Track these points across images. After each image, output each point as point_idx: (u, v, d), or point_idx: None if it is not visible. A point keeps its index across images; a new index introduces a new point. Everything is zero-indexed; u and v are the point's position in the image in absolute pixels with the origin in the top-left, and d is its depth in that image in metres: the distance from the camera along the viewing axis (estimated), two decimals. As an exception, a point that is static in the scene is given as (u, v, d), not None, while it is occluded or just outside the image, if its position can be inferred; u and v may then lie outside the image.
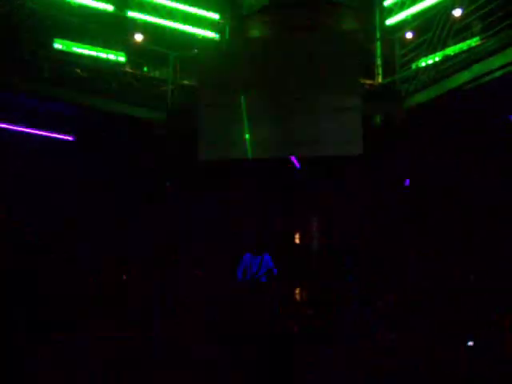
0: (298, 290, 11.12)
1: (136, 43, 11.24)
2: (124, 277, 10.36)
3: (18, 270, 9.10)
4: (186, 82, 11.41)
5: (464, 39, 9.28)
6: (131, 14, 11.55)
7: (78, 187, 10.40)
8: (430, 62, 9.54)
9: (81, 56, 10.57)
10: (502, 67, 7.97)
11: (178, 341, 8.61)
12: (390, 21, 11.34)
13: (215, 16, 12.44)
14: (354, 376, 7.54)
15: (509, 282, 8.38)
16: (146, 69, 11.76)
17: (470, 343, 5.27)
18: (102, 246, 10.47)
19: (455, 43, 9.32)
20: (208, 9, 12.29)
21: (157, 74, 11.84)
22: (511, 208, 8.89)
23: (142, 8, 11.70)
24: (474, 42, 9.15)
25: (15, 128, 9.50)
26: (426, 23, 9.83)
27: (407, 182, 9.90)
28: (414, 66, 10.04)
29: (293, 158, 10.63)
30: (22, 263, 9.24)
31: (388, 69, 10.57)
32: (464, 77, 8.67)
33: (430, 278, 9.45)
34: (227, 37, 12.29)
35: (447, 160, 9.70)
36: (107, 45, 10.95)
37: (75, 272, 9.99)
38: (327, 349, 8.38)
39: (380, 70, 11.01)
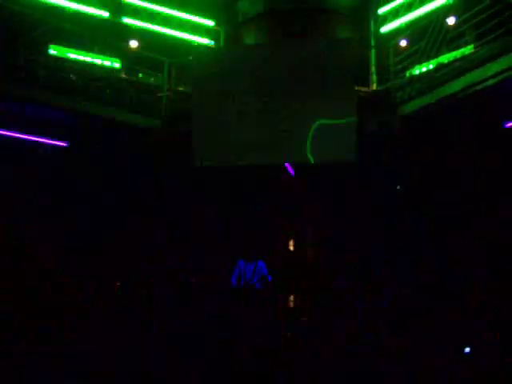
0: (292, 298, 11.12)
1: (131, 49, 11.25)
2: (117, 284, 10.32)
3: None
4: (181, 88, 11.41)
5: (458, 47, 9.33)
6: (126, 20, 11.58)
7: (70, 192, 10.39)
8: (424, 69, 9.59)
9: (76, 62, 10.56)
10: (496, 75, 8.02)
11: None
12: (385, 29, 11.42)
13: (210, 23, 12.48)
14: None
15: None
16: (141, 75, 11.76)
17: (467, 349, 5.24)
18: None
19: (449, 51, 9.37)
20: (203, 16, 12.33)
21: (152, 80, 11.84)
22: (506, 212, 8.92)
23: (138, 14, 11.72)
24: (467, 50, 9.21)
25: (9, 134, 9.48)
26: (420, 31, 9.89)
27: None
28: (408, 74, 10.09)
29: (287, 166, 10.63)
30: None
31: (382, 76, 10.61)
32: (458, 84, 8.72)
33: (426, 286, 9.47)
34: (222, 44, 12.32)
35: (442, 166, 9.74)
36: (102, 51, 10.95)
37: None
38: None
39: (374, 78, 11.06)
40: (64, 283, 9.92)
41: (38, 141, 9.84)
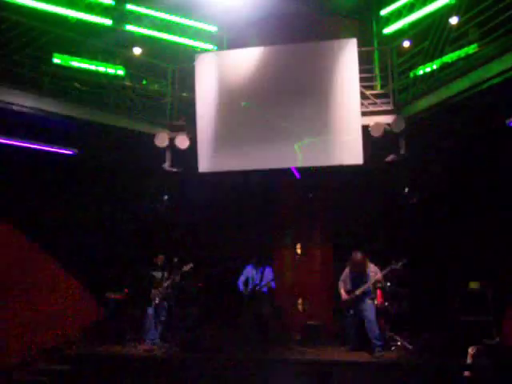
0: (300, 300, 11.10)
1: (135, 56, 11.29)
2: (126, 290, 10.35)
3: None
4: (185, 94, 11.42)
5: (461, 47, 9.30)
6: (129, 27, 11.66)
7: (79, 200, 10.43)
8: (428, 69, 9.56)
9: (80, 70, 10.59)
10: (500, 74, 7.97)
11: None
12: (388, 30, 11.43)
13: (213, 28, 12.52)
14: None
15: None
16: (145, 82, 11.79)
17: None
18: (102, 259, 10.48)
19: (452, 51, 9.33)
20: (205, 21, 12.37)
21: (156, 87, 11.86)
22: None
23: (140, 21, 11.79)
24: (471, 49, 9.17)
25: (15, 143, 9.50)
26: (423, 31, 9.87)
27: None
28: (411, 75, 10.05)
29: (293, 169, 10.63)
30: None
31: (386, 77, 10.58)
32: (462, 84, 8.67)
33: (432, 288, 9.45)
34: (225, 49, 12.33)
35: (447, 167, 9.71)
36: (106, 59, 10.98)
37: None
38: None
39: (378, 79, 11.04)
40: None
41: (43, 149, 9.86)
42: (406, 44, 10.34)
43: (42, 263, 10.18)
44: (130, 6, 11.71)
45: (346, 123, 9.75)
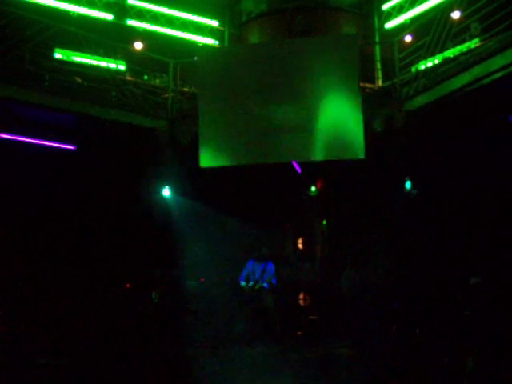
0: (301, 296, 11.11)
1: (136, 51, 11.28)
2: (127, 285, 10.38)
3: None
4: (186, 89, 11.41)
5: (463, 41, 9.27)
6: (131, 22, 11.66)
7: (79, 196, 10.44)
8: (430, 64, 9.52)
9: (81, 65, 10.59)
10: (502, 68, 7.95)
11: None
12: (389, 24, 11.42)
13: (214, 23, 12.51)
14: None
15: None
16: (146, 77, 11.79)
17: None
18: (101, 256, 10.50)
19: (454, 45, 9.30)
20: (207, 16, 12.37)
21: (157, 81, 11.85)
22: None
23: (142, 16, 11.79)
24: (473, 43, 9.15)
25: (16, 138, 9.52)
26: (425, 26, 9.83)
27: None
28: (413, 69, 10.03)
29: (294, 163, 10.62)
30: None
31: (388, 72, 10.55)
32: (464, 79, 8.65)
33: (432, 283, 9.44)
34: (226, 43, 12.33)
35: (448, 162, 9.69)
36: (107, 53, 10.98)
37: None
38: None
39: (380, 74, 11.02)
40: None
41: (44, 144, 9.88)
42: (408, 39, 10.31)
43: (41, 260, 10.20)
44: (131, 1, 11.71)
45: (348, 117, 9.73)
